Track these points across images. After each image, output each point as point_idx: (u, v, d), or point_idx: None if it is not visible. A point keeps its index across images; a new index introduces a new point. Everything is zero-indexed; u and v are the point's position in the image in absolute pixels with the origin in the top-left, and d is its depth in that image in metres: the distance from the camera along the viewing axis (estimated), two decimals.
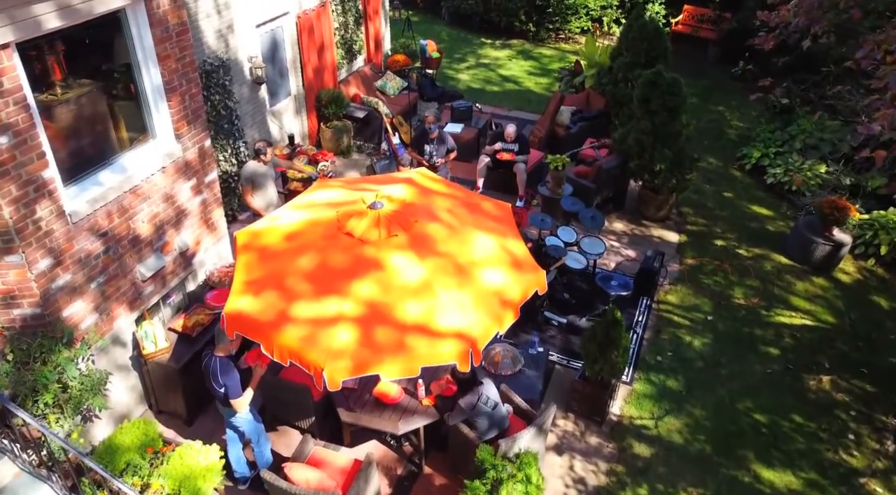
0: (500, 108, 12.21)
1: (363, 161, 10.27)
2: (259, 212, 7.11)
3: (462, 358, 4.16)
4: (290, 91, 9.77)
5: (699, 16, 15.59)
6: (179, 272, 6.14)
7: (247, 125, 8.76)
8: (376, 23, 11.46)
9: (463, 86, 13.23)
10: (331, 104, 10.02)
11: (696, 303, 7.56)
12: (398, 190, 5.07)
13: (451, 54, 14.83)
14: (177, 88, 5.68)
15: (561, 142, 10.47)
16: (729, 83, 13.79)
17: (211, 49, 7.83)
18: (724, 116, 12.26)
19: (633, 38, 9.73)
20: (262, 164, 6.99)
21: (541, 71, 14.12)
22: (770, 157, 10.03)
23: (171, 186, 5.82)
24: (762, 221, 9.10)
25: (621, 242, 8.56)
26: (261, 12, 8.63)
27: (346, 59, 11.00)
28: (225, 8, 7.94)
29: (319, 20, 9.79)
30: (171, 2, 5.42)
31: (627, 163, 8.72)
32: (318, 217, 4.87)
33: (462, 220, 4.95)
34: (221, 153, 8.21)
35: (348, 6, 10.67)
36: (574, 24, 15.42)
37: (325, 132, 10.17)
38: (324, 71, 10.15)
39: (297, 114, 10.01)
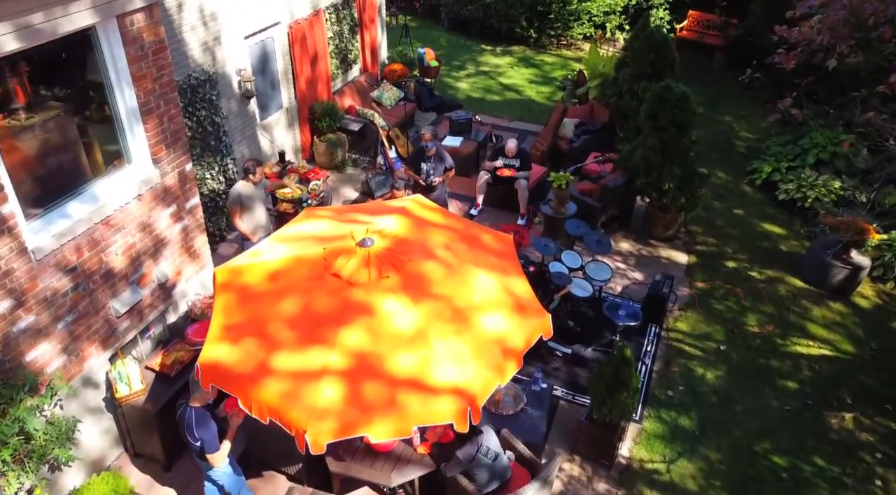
0: (501, 119, 11.81)
1: (358, 175, 9.88)
2: (247, 236, 6.72)
3: (460, 417, 3.76)
4: (282, 103, 9.37)
5: (704, 22, 15.20)
6: (158, 304, 5.74)
7: (236, 141, 8.37)
8: (372, 31, 11.07)
9: (462, 95, 12.84)
10: (324, 117, 9.62)
11: (708, 331, 7.16)
12: (390, 223, 4.67)
13: (451, 61, 14.44)
14: (154, 110, 5.28)
15: (564, 155, 10.08)
16: (736, 91, 13.40)
17: (196, 63, 7.43)
18: (732, 127, 11.86)
19: (638, 48, 9.33)
20: (250, 185, 6.61)
21: (542, 79, 13.72)
22: (782, 172, 9.63)
23: (148, 215, 5.42)
24: (775, 240, 8.71)
25: (628, 264, 8.17)
26: (250, 23, 8.24)
27: (341, 70, 10.61)
28: (211, 19, 7.55)
29: (312, 30, 9.40)
30: (147, 18, 5.03)
31: (634, 181, 8.33)
32: (304, 254, 4.47)
33: (460, 257, 4.55)
34: (209, 171, 7.82)
35: (343, 14, 10.28)
36: (576, 31, 15.03)
37: (318, 146, 9.77)
38: (317, 82, 9.76)
39: (289, 127, 9.61)
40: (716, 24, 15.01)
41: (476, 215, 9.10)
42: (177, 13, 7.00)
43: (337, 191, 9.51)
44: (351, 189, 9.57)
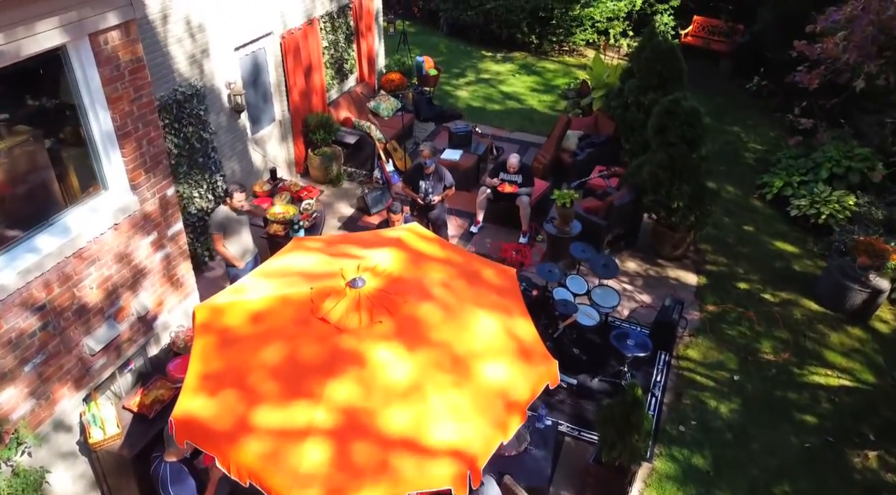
0: (502, 130, 11.46)
1: (354, 190, 9.52)
2: (232, 261, 6.36)
3: (459, 482, 3.41)
4: (275, 116, 9.02)
5: (710, 27, 14.85)
6: (138, 338, 5.39)
7: (225, 156, 8.01)
8: (369, 40, 10.72)
9: (462, 104, 12.49)
10: (319, 130, 9.27)
11: (721, 360, 6.81)
12: (384, 258, 4.32)
13: (450, 68, 14.09)
14: (131, 133, 4.93)
15: (567, 169, 9.73)
16: (743, 100, 13.04)
17: (183, 76, 7.09)
18: (740, 138, 11.51)
19: (645, 58, 8.98)
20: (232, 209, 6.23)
21: (544, 87, 13.37)
22: (793, 187, 9.28)
23: (125, 244, 5.07)
24: (788, 260, 8.35)
25: (635, 285, 7.82)
26: (240, 34, 7.89)
27: (337, 80, 10.26)
28: (199, 31, 7.20)
29: (306, 39, 9.05)
30: (123, 36, 4.68)
31: (641, 199, 7.98)
32: (290, 293, 4.12)
33: (460, 296, 4.20)
34: (196, 189, 7.47)
35: (339, 23, 9.93)
36: (579, 37, 14.67)
37: (312, 159, 9.42)
38: (311, 94, 9.41)
39: (282, 140, 9.26)
40: (721, 29, 14.67)
41: (476, 232, 8.75)
42: (161, 25, 6.65)
43: (332, 206, 9.16)
44: (346, 205, 9.21)
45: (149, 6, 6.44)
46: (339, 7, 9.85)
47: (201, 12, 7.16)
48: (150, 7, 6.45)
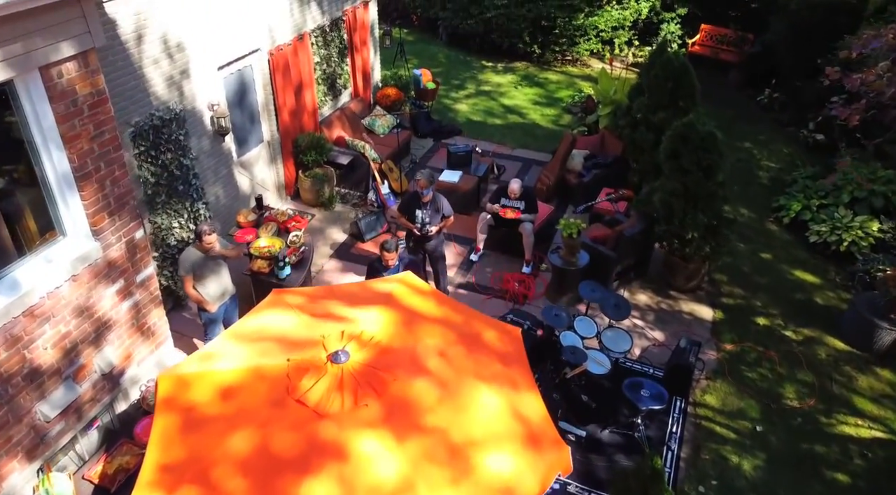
0: (503, 146, 10.95)
1: (347, 213, 9.01)
2: (203, 305, 5.80)
3: None
4: (263, 137, 8.51)
5: (718, 36, 14.34)
6: (102, 397, 4.89)
7: (209, 182, 7.51)
8: (364, 53, 10.22)
9: (462, 118, 11.98)
10: (310, 150, 8.76)
11: (741, 407, 6.29)
12: (372, 321, 3.81)
13: (449, 80, 13.59)
14: (92, 174, 4.43)
15: (572, 191, 9.22)
16: (754, 112, 12.54)
17: (161, 100, 6.58)
18: (752, 155, 10.99)
19: (655, 75, 8.47)
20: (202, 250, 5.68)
21: (547, 100, 12.86)
22: (812, 211, 8.76)
23: (86, 297, 4.56)
24: (809, 291, 7.83)
25: (646, 320, 7.30)
26: (224, 52, 7.38)
27: (329, 96, 9.75)
28: (178, 50, 6.69)
29: (297, 55, 8.54)
30: (80, 67, 4.17)
31: (652, 228, 7.47)
32: (264, 365, 3.61)
33: (458, 368, 3.68)
34: (176, 219, 6.96)
35: (331, 37, 9.43)
36: (583, 47, 14.17)
37: (303, 182, 8.91)
38: (302, 112, 8.90)
39: (270, 162, 8.75)
40: (730, 39, 14.16)
41: (476, 261, 8.23)
42: (135, 46, 6.15)
43: (323, 232, 8.65)
44: (339, 230, 8.70)
45: (121, 27, 5.94)
46: (331, 20, 9.34)
47: (180, 31, 6.66)
48: (122, 28, 5.94)
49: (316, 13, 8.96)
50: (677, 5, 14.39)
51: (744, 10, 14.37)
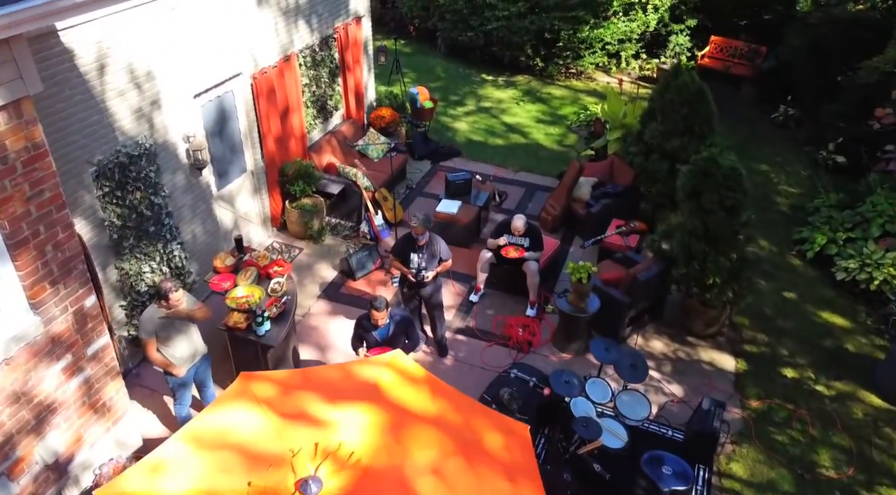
0: (505, 170, 10.32)
1: (338, 247, 8.38)
2: (170, 369, 5.18)
3: None
4: (246, 167, 7.89)
5: (729, 49, 13.71)
6: (46, 490, 4.26)
7: (184, 220, 6.88)
8: (357, 72, 9.59)
9: (461, 138, 11.35)
10: (297, 180, 8.13)
11: (772, 478, 5.65)
12: (353, 426, 3.18)
13: (448, 95, 12.96)
14: (28, 240, 3.81)
15: (580, 222, 8.59)
16: (768, 130, 11.92)
17: (127, 134, 5.95)
18: (769, 178, 10.36)
19: (669, 100, 7.84)
20: (164, 310, 5.05)
21: (551, 117, 12.23)
22: (838, 245, 8.13)
23: (23, 381, 3.94)
24: (838, 337, 7.20)
25: (663, 372, 6.68)
26: (201, 78, 6.76)
27: (319, 120, 9.13)
28: (147, 80, 6.07)
29: (282, 78, 7.92)
30: (12, 119, 3.55)
31: (669, 269, 6.84)
32: (219, 488, 2.98)
33: (456, 488, 3.05)
34: (147, 263, 6.34)
35: (321, 56, 8.80)
36: (588, 60, 13.54)
37: (290, 213, 8.28)
38: (289, 139, 8.27)
39: (254, 193, 8.12)
40: (742, 51, 13.53)
41: (477, 301, 7.60)
42: (97, 78, 5.52)
43: (311, 268, 8.02)
44: (328, 265, 8.07)
45: (81, 57, 5.31)
46: (321, 39, 8.72)
47: (149, 58, 6.03)
48: (81, 58, 5.32)
49: (304, 32, 8.33)
50: (686, 16, 13.77)
51: (756, 22, 13.77)
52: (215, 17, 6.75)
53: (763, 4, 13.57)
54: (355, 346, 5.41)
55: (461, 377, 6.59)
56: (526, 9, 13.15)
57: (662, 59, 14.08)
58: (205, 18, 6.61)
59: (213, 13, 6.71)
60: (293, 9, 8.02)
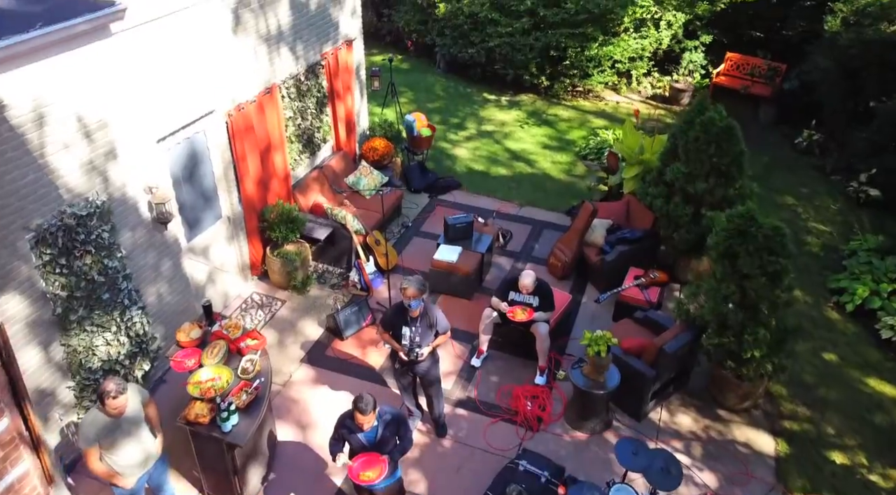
0: (509, 204, 9.49)
1: (325, 299, 7.55)
2: (119, 482, 4.36)
3: None
4: (221, 213, 7.06)
5: (746, 66, 12.88)
6: None
7: (147, 281, 6.05)
8: (348, 101, 8.77)
9: (461, 166, 10.53)
10: (279, 226, 7.31)
11: None
12: None
13: (447, 117, 12.14)
14: None
15: (593, 271, 7.76)
16: (791, 156, 11.10)
17: (74, 192, 5.13)
18: (796, 214, 9.53)
19: (694, 138, 7.02)
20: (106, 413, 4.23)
21: (558, 142, 11.40)
22: (882, 298, 7.30)
23: None
24: (890, 411, 6.36)
25: (692, 455, 5.84)
26: (166, 120, 5.94)
27: (306, 154, 8.30)
28: (99, 129, 5.24)
29: (262, 113, 7.10)
30: None
31: (699, 339, 6.02)
32: None
33: None
34: (101, 335, 5.53)
35: (308, 85, 7.98)
36: (596, 79, 12.71)
37: (272, 262, 7.46)
38: (270, 179, 7.45)
39: (231, 240, 7.30)
40: (760, 70, 12.69)
41: (479, 367, 6.77)
42: (34, 130, 4.70)
43: (294, 325, 7.19)
44: (313, 321, 7.24)
45: (11, 107, 4.49)
46: (307, 66, 7.90)
47: (102, 103, 5.21)
48: (13, 110, 4.50)
49: (287, 61, 7.51)
50: (700, 32, 12.95)
51: (775, 38, 12.94)
52: (182, 51, 5.93)
53: (782, 20, 12.74)
54: (334, 450, 4.58)
55: (462, 462, 5.77)
56: (530, 25, 12.34)
57: (675, 76, 13.27)
58: (170, 53, 5.78)
59: (180, 47, 5.89)
60: (275, 36, 7.20)
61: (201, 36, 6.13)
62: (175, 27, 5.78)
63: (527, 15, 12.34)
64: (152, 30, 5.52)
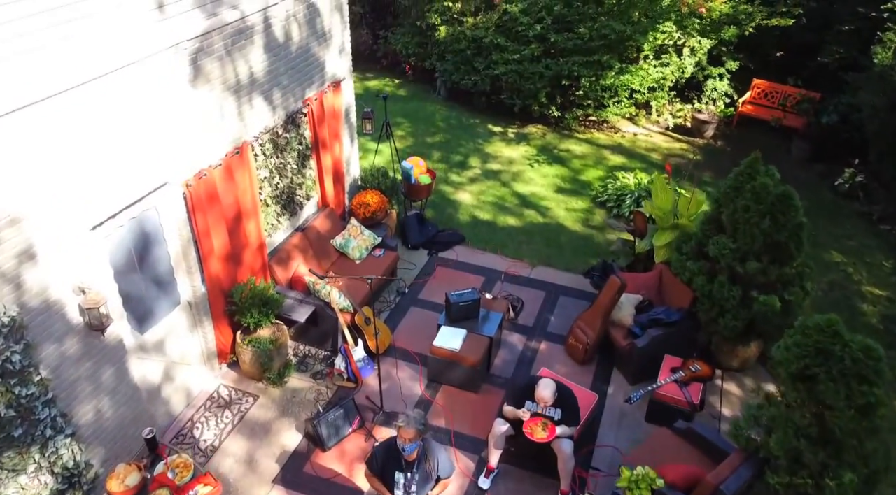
0: (519, 264, 8.35)
1: (306, 393, 6.41)
2: None
3: None
4: (179, 298, 5.93)
5: (776, 95, 11.76)
6: None
7: (81, 397, 4.91)
8: (335, 149, 7.64)
9: (465, 215, 9.39)
10: (251, 310, 6.18)
11: None
12: None
13: (449, 153, 11.01)
14: None
15: (622, 356, 6.62)
16: (831, 200, 9.98)
17: None
18: (846, 274, 8.39)
19: (743, 208, 5.88)
20: None
21: (572, 184, 10.26)
22: None
23: None
24: None
25: None
26: (104, 203, 4.80)
27: (285, 216, 7.16)
28: (9, 225, 4.12)
29: (231, 178, 5.97)
30: None
31: (762, 473, 4.87)
32: None
33: None
34: (14, 480, 4.39)
35: (288, 137, 6.85)
36: (612, 111, 11.59)
37: (243, 351, 6.32)
38: (241, 252, 6.32)
39: (193, 328, 6.16)
40: (793, 99, 11.57)
41: (488, 488, 5.62)
42: None
43: (268, 429, 6.04)
44: (290, 425, 6.09)
45: None
46: (286, 116, 6.77)
47: (9, 197, 4.08)
48: None
49: (262, 112, 6.39)
50: (726, 58, 11.82)
51: (808, 65, 11.81)
52: (124, 117, 4.80)
53: (817, 45, 11.61)
54: None
55: None
56: (540, 51, 11.21)
57: (697, 105, 12.15)
58: (106, 122, 4.65)
59: (121, 113, 4.76)
60: (246, 86, 6.07)
61: (149, 96, 5.00)
62: (111, 90, 4.65)
63: (536, 41, 11.22)
64: (77, 97, 4.39)
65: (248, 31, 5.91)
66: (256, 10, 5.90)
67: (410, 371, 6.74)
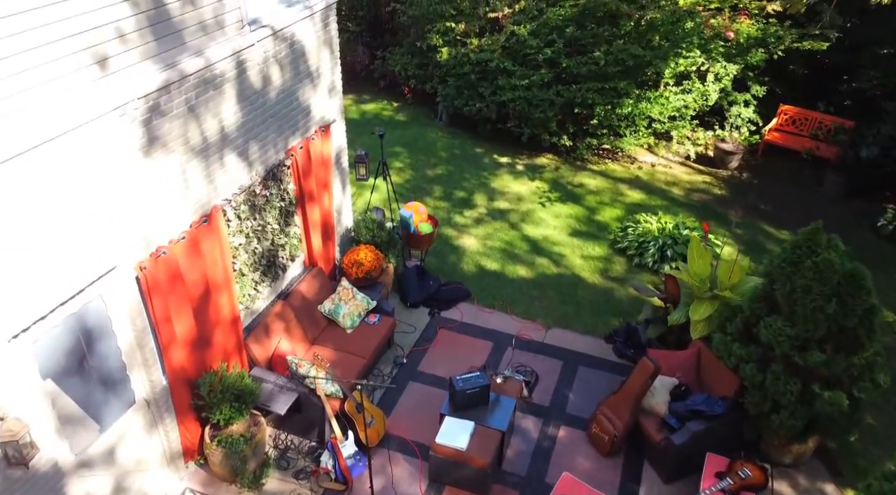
0: (532, 325, 7.41)
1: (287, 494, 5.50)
2: None
3: None
4: (134, 397, 4.99)
5: (805, 122, 10.86)
6: None
7: None
8: (324, 201, 6.72)
9: (469, 263, 8.46)
10: (222, 405, 5.25)
11: None
12: None
13: (451, 189, 10.09)
14: None
15: (655, 452, 5.69)
16: (874, 246, 9.04)
17: None
18: None
19: (804, 289, 4.95)
20: None
21: (588, 226, 9.33)
22: None
23: None
24: None
25: None
26: (28, 306, 3.88)
27: (265, 283, 6.23)
28: None
29: (197, 251, 5.05)
30: None
31: None
32: None
33: None
34: None
35: (267, 195, 5.92)
36: (629, 141, 10.67)
37: (213, 451, 5.38)
38: (211, 332, 5.39)
39: (152, 428, 5.22)
40: (826, 127, 10.65)
41: None
42: None
43: None
44: None
45: None
46: (265, 171, 5.85)
47: None
48: None
49: (236, 171, 5.46)
50: (752, 83, 10.91)
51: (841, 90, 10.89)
52: (53, 200, 3.88)
53: (848, 69, 10.70)
54: None
55: None
56: (551, 77, 10.29)
57: (720, 132, 11.23)
58: (31, 206, 3.74)
59: (47, 196, 3.84)
60: (215, 143, 5.15)
61: (88, 169, 4.08)
62: (37, 167, 3.73)
63: (546, 66, 10.31)
64: None
65: (217, 80, 4.98)
66: (226, 55, 4.98)
67: (408, 467, 5.80)
